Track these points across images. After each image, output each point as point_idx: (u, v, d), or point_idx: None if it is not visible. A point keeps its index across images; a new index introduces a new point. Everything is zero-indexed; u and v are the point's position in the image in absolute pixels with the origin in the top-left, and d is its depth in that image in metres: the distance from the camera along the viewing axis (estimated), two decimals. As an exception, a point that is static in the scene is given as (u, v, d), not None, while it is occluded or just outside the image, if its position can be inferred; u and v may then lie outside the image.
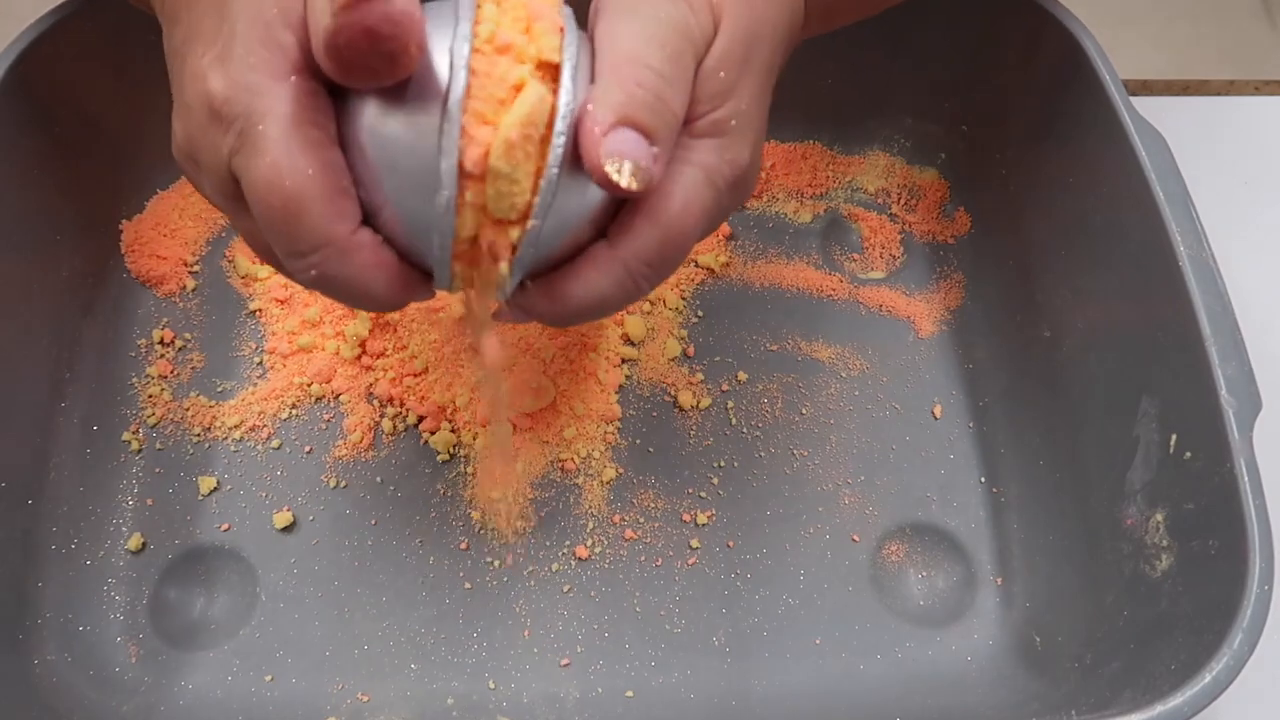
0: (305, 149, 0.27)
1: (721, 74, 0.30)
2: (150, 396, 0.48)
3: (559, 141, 0.27)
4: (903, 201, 0.56)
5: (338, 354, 0.49)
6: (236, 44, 0.27)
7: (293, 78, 0.27)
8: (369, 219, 0.29)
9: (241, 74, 0.27)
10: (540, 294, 0.30)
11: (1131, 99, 0.43)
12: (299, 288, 0.50)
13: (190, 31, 0.29)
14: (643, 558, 0.46)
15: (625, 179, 0.27)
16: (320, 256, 0.28)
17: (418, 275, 0.30)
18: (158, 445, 0.48)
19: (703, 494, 0.48)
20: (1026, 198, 0.51)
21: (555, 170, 0.27)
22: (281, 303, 0.50)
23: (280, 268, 0.31)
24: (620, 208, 0.30)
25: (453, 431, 0.48)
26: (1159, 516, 0.39)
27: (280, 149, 0.26)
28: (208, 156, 0.28)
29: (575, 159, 0.28)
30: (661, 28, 0.28)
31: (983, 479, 0.48)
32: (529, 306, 0.31)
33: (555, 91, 0.27)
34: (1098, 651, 0.40)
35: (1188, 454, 0.38)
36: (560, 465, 0.47)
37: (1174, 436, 0.39)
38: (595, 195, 0.29)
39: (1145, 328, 0.42)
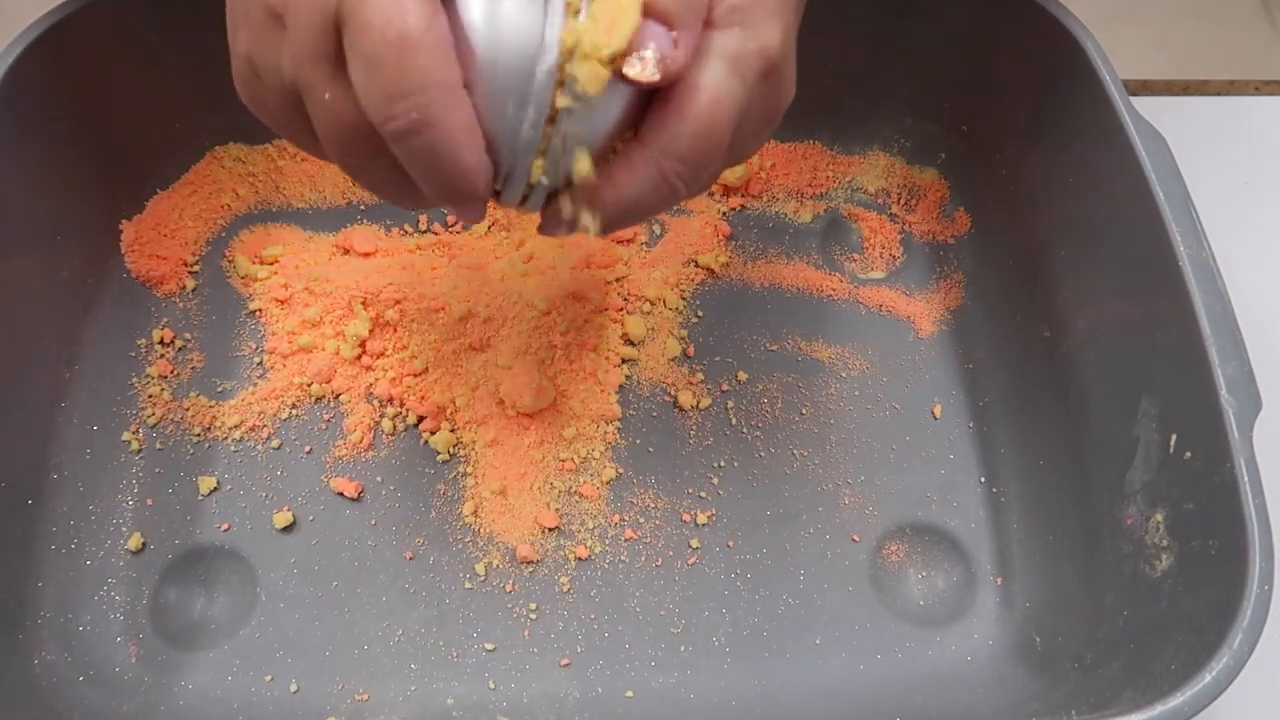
0: (422, 1, 0.26)
1: None
2: (150, 396, 0.48)
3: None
4: (903, 201, 0.56)
5: (338, 354, 0.49)
6: None
7: None
8: None
9: None
10: (577, 198, 0.30)
11: (1131, 99, 0.43)
12: (299, 288, 0.50)
13: None
14: (643, 558, 0.46)
15: (647, 69, 0.27)
16: (427, 98, 0.26)
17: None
18: (158, 445, 0.48)
19: (703, 494, 0.48)
20: (1026, 198, 0.51)
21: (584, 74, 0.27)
22: (281, 303, 0.50)
23: (351, 152, 0.29)
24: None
25: (453, 431, 0.48)
26: (1159, 516, 0.39)
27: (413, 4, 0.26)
28: (305, 12, 0.27)
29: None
30: None
31: (983, 479, 0.48)
32: (567, 212, 0.31)
33: None
34: (1098, 651, 0.40)
35: (1188, 454, 0.38)
36: (560, 465, 0.47)
37: (1174, 436, 0.39)
38: (625, 92, 0.28)
39: (1145, 327, 0.42)
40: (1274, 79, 0.58)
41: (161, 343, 0.50)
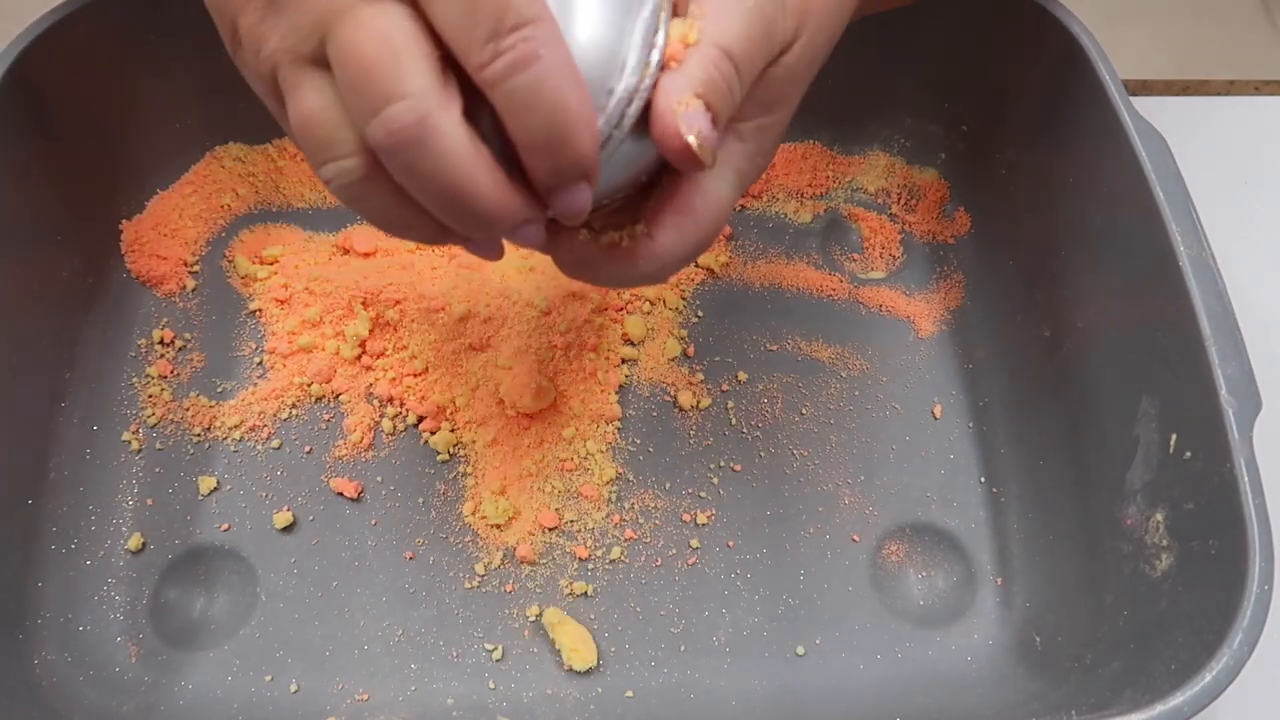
0: (422, 29, 0.26)
1: (782, 84, 0.31)
2: (150, 396, 0.48)
3: (647, 84, 0.28)
4: (903, 201, 0.56)
5: (338, 354, 0.49)
6: None
7: None
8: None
9: None
10: (578, 251, 0.31)
11: (1131, 99, 0.43)
12: (299, 288, 0.50)
13: None
14: (642, 558, 0.46)
15: (697, 148, 0.28)
16: (408, 104, 0.25)
17: (519, 188, 0.28)
18: (158, 445, 0.48)
19: (703, 494, 0.48)
20: (1026, 198, 0.51)
21: (634, 111, 0.28)
22: (281, 303, 0.50)
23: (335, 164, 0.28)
24: (652, 185, 0.31)
25: (453, 431, 0.48)
26: (1159, 516, 0.39)
27: (391, 19, 0.25)
28: (295, 11, 0.26)
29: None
30: (756, 25, 0.29)
31: (983, 479, 0.48)
32: (579, 256, 0.31)
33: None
34: (1098, 651, 0.40)
35: (1188, 454, 0.38)
36: (560, 465, 0.47)
37: (1174, 436, 0.39)
38: (647, 156, 0.29)
39: (1145, 327, 0.41)
40: (1274, 79, 0.58)
41: (161, 343, 0.50)
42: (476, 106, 0.27)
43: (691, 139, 0.28)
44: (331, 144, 0.27)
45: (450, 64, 0.26)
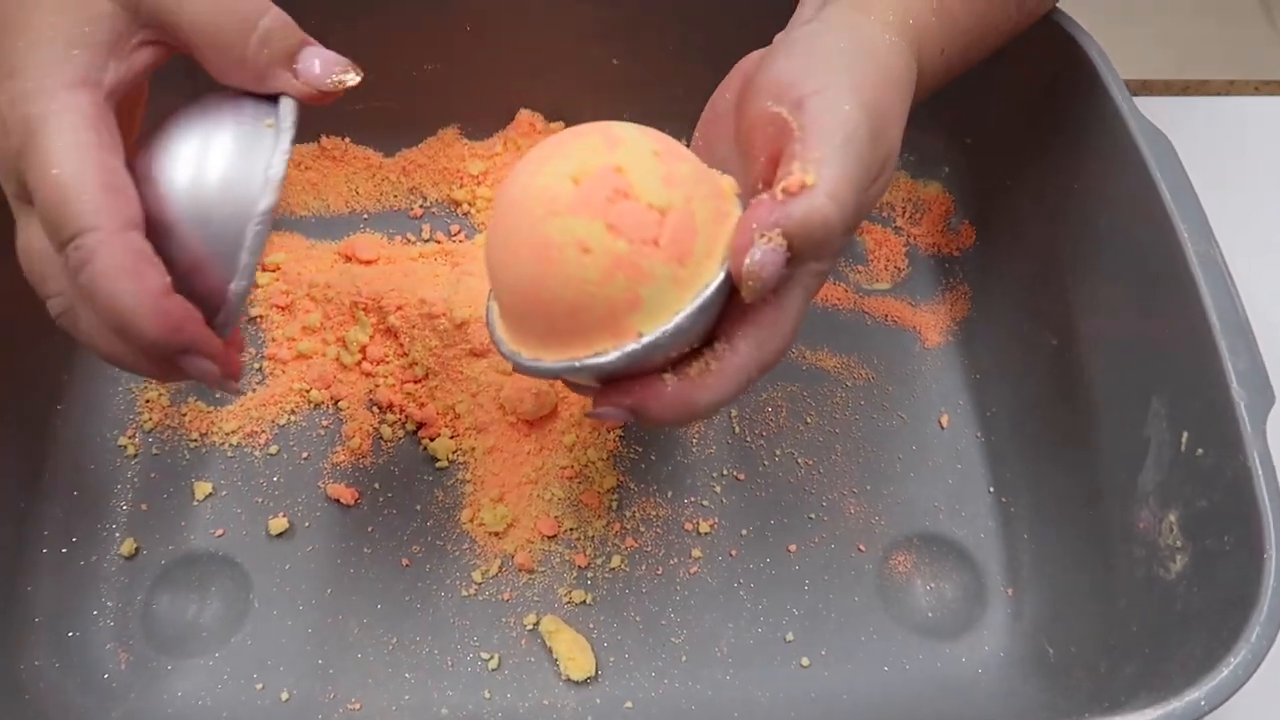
0: (79, 146, 0.29)
1: (862, 209, 0.32)
2: (147, 401, 0.48)
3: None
4: (907, 215, 0.55)
5: (338, 360, 0.48)
6: (21, 58, 0.29)
7: (79, 89, 0.30)
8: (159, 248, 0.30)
9: (25, 82, 0.29)
10: (668, 400, 0.32)
11: (1132, 99, 0.43)
12: (300, 294, 0.50)
13: None
14: (643, 567, 0.45)
15: (746, 279, 0.30)
16: (79, 245, 0.29)
17: (190, 310, 0.31)
18: (154, 450, 0.47)
19: (705, 502, 0.47)
20: (1031, 207, 0.50)
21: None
22: (282, 309, 0.50)
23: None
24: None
25: (452, 438, 0.47)
26: (1172, 517, 0.38)
27: (58, 141, 0.29)
28: (0, 163, 0.30)
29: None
30: (861, 171, 0.31)
31: (991, 488, 0.47)
32: (643, 404, 0.33)
33: None
34: (1112, 658, 0.39)
35: (1199, 450, 0.37)
36: (560, 472, 0.47)
37: (1185, 434, 0.38)
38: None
39: (1154, 328, 0.41)
40: (1274, 79, 0.58)
41: (161, 350, 0.49)
42: None
43: (749, 264, 0.30)
44: (44, 282, 0.32)
45: None
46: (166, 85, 0.36)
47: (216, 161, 0.31)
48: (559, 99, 0.54)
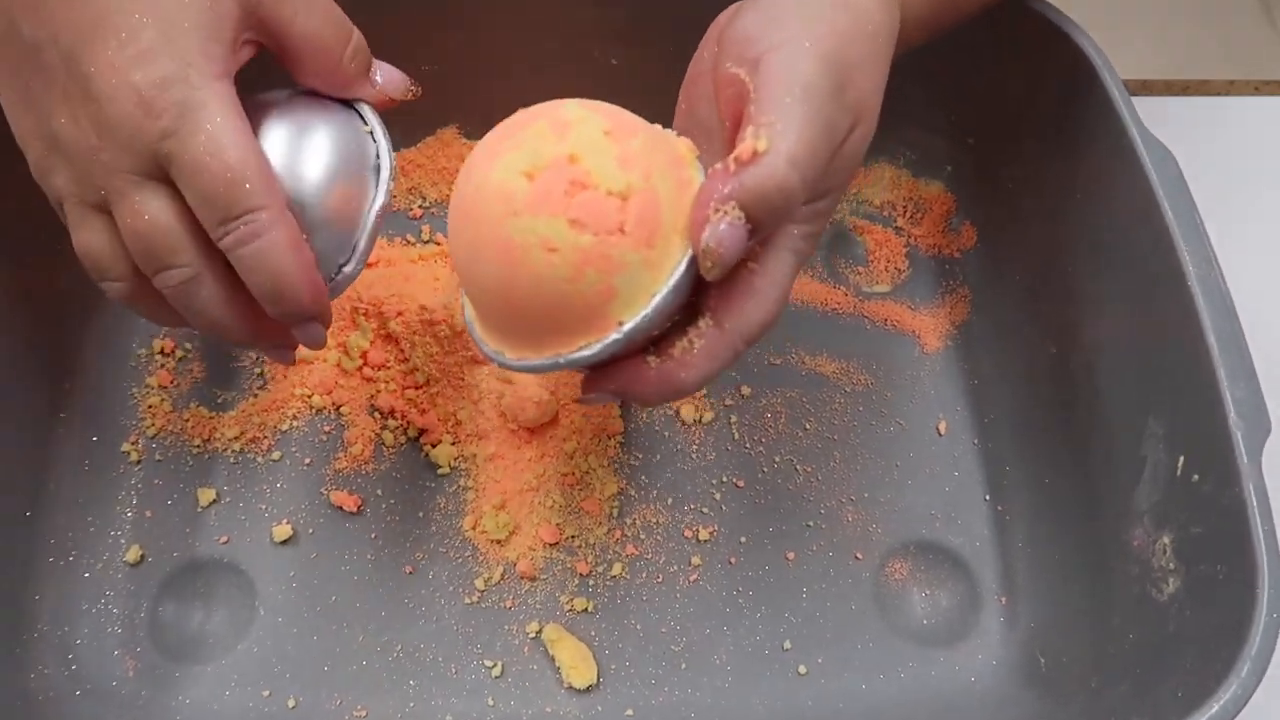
0: (243, 132, 0.31)
1: (838, 173, 0.32)
2: (150, 407, 0.48)
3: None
4: (908, 214, 0.55)
5: (339, 366, 0.48)
6: (166, 45, 0.30)
7: (224, 80, 0.32)
8: None
9: (172, 67, 0.30)
10: (653, 382, 0.32)
11: (1132, 99, 0.43)
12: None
13: (81, 32, 0.31)
14: (644, 574, 0.46)
15: (704, 254, 0.29)
16: (252, 220, 0.31)
17: (323, 283, 0.34)
18: (157, 456, 0.47)
19: (705, 510, 0.47)
20: (1033, 211, 0.50)
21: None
22: (282, 314, 0.50)
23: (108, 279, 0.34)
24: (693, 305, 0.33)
25: (454, 445, 0.47)
26: (1166, 539, 0.38)
27: (223, 126, 0.31)
28: (127, 141, 0.30)
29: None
30: (820, 130, 0.30)
31: (987, 496, 0.48)
32: (629, 388, 0.33)
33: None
34: (1104, 674, 0.39)
35: (1195, 476, 0.37)
36: (561, 480, 0.47)
37: (1181, 458, 0.38)
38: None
39: (1153, 346, 0.41)
40: (1274, 79, 0.58)
41: (162, 353, 0.49)
42: None
43: (705, 244, 0.29)
44: (107, 270, 0.33)
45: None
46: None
47: (335, 154, 0.35)
48: (559, 99, 0.53)
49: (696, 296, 0.32)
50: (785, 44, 0.31)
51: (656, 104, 0.54)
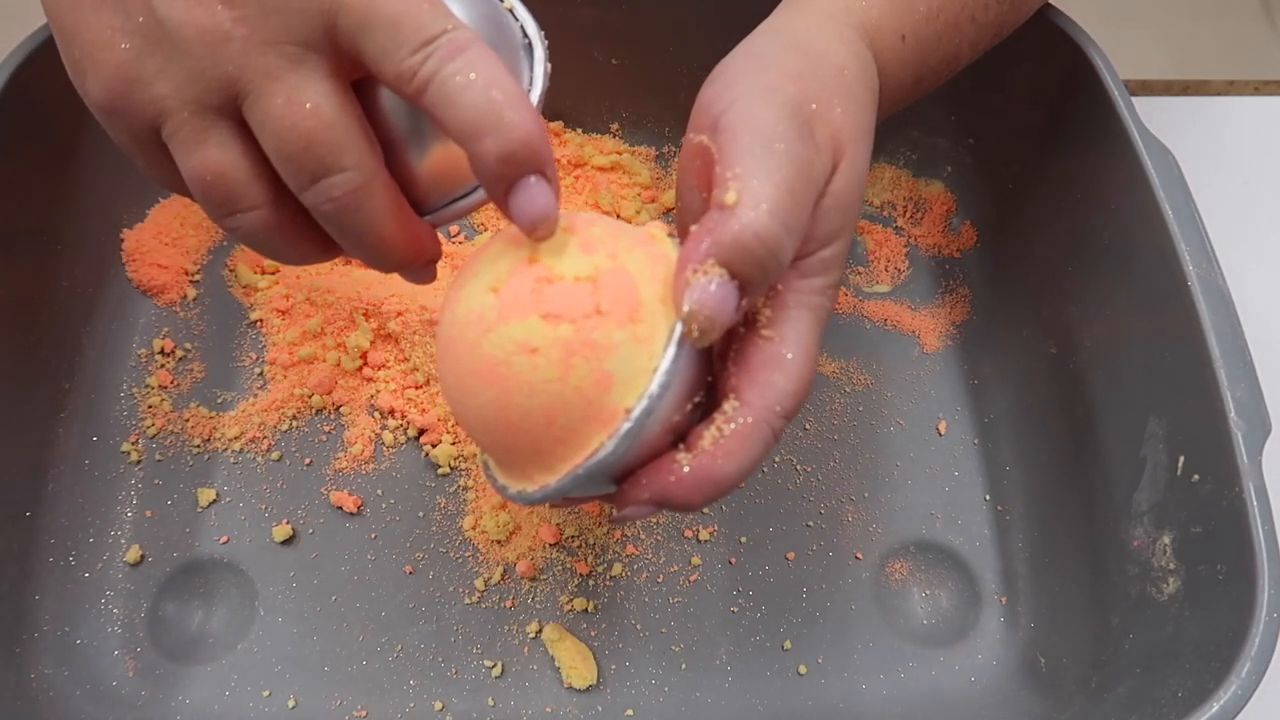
0: (347, 96, 0.27)
1: (835, 214, 0.30)
2: (150, 407, 0.48)
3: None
4: (908, 214, 0.55)
5: (339, 365, 0.48)
6: (272, 9, 0.26)
7: (323, 54, 0.27)
8: None
9: (283, 31, 0.26)
10: (690, 483, 0.29)
11: (1132, 99, 0.43)
12: (300, 298, 0.50)
13: None
14: (644, 574, 0.46)
15: (686, 318, 0.27)
16: (349, 176, 0.27)
17: (430, 232, 0.30)
18: (157, 456, 0.47)
19: (705, 509, 0.47)
20: (1033, 211, 0.50)
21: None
22: (283, 313, 0.50)
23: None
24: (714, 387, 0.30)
25: (454, 444, 0.47)
26: (1166, 539, 0.38)
27: (325, 87, 0.27)
28: (200, 62, 0.26)
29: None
30: (794, 174, 0.28)
31: (988, 496, 0.48)
32: (666, 492, 0.29)
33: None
34: (1103, 674, 0.40)
35: (1195, 476, 0.37)
36: (562, 480, 0.47)
37: (1182, 458, 0.38)
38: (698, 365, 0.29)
39: (1154, 347, 0.41)
40: (1274, 79, 0.58)
41: (162, 352, 0.49)
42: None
43: (686, 308, 0.27)
44: (240, 198, 0.28)
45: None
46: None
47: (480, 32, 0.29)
48: (559, 99, 0.53)
49: (716, 380, 0.30)
50: (740, 98, 0.30)
51: (657, 104, 0.54)
